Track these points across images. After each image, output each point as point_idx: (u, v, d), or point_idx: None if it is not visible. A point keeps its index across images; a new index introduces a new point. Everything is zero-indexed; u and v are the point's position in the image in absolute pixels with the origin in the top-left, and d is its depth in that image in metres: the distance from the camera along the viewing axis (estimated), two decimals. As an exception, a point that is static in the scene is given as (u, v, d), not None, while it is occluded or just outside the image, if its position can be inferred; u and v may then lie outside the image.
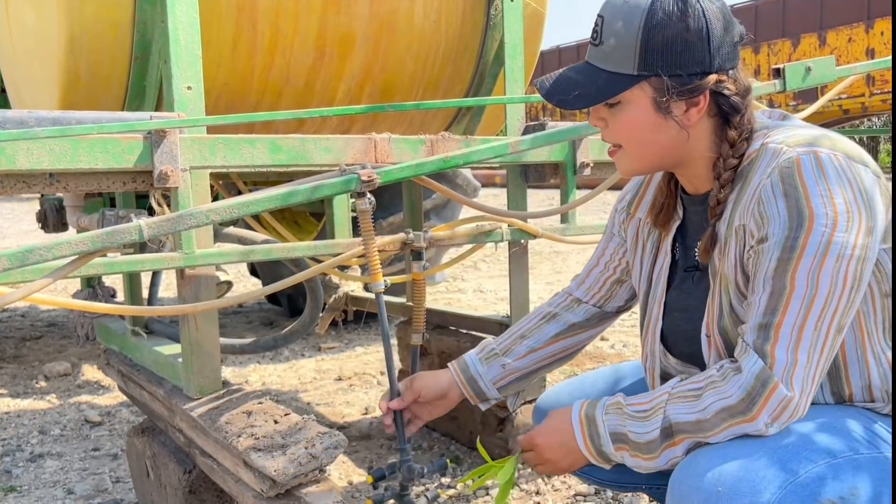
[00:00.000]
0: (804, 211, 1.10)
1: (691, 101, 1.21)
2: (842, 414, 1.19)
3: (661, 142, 1.24)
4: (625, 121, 1.24)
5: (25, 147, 1.50)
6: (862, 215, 1.11)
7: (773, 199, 1.13)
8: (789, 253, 1.10)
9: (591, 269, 1.60)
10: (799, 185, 1.11)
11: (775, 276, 1.12)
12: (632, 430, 1.21)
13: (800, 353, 1.10)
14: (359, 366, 3.93)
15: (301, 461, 1.53)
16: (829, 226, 1.09)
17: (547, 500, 2.25)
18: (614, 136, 1.28)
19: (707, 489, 1.09)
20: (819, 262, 1.09)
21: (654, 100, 1.21)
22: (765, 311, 1.12)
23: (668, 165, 1.30)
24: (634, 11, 1.19)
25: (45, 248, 1.32)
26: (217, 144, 1.72)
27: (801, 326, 1.10)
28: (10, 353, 4.45)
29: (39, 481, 2.60)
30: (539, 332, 1.58)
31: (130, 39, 1.91)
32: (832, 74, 2.00)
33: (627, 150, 1.27)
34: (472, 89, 2.57)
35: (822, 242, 1.09)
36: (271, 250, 1.90)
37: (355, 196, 1.63)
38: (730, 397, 1.12)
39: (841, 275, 1.10)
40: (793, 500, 1.07)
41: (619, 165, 1.31)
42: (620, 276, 1.57)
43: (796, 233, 1.10)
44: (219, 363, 1.91)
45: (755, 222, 1.15)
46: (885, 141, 20.89)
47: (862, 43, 11.99)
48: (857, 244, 1.10)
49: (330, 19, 2.18)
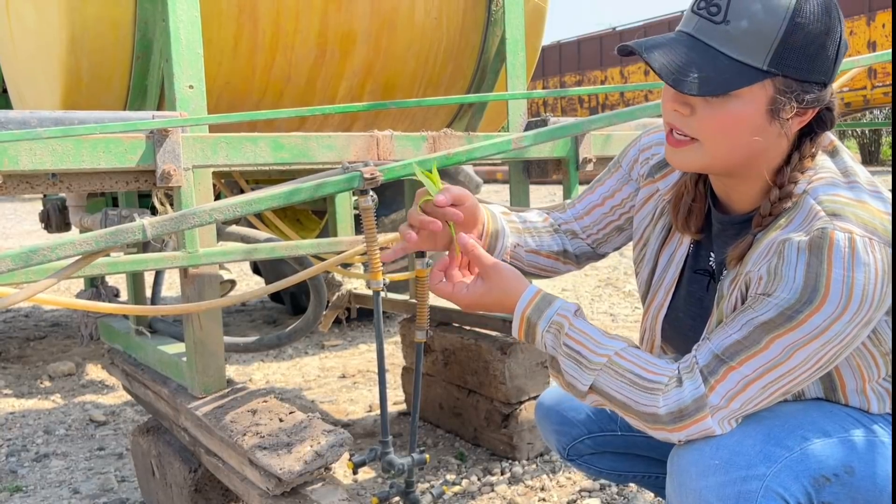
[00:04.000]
0: (820, 290, 1.04)
1: (801, 111, 1.11)
2: (835, 405, 1.21)
3: (754, 147, 1.12)
4: (728, 116, 1.09)
5: (28, 147, 1.50)
6: (872, 308, 1.06)
7: (795, 262, 1.06)
8: (784, 321, 1.06)
9: (594, 207, 1.49)
10: (825, 262, 1.04)
11: (756, 329, 1.08)
12: (564, 364, 1.19)
13: (736, 401, 1.10)
14: (362, 363, 3.93)
15: (307, 459, 1.53)
16: (835, 314, 1.05)
17: (552, 496, 2.25)
18: (700, 129, 1.12)
19: (704, 462, 1.11)
20: (806, 341, 1.06)
21: (772, 100, 1.09)
22: (728, 348, 1.10)
23: (732, 172, 1.19)
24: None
25: (48, 248, 1.32)
26: (219, 143, 1.72)
27: (752, 381, 1.10)
28: (15, 353, 4.46)
29: (45, 481, 2.61)
30: (543, 240, 1.49)
31: (132, 38, 1.91)
32: (835, 68, 1.99)
33: (707, 147, 1.13)
34: (473, 86, 2.57)
35: (820, 326, 1.05)
36: (274, 248, 1.90)
37: (358, 193, 1.63)
38: (662, 407, 1.12)
39: (817, 356, 1.08)
40: (787, 474, 1.09)
41: (680, 158, 1.17)
42: (624, 223, 1.47)
43: (802, 307, 1.05)
44: (223, 362, 1.91)
45: (767, 273, 1.09)
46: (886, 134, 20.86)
47: (863, 36, 11.96)
48: (851, 334, 1.07)
49: (331, 17, 2.17)
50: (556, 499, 2.24)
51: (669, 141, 1.17)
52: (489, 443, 2.60)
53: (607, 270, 6.28)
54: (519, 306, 1.22)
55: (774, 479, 1.09)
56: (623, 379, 1.15)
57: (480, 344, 2.55)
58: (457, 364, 2.68)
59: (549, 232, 1.50)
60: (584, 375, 1.18)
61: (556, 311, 1.21)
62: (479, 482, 2.37)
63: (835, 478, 1.11)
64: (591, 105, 16.84)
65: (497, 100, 2.44)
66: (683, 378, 1.12)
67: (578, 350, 1.18)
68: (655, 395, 1.12)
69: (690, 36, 1.10)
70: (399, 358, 3.81)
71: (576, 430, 1.56)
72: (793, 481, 1.09)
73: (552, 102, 16.10)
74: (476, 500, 2.26)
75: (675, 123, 1.15)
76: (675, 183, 1.36)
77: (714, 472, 1.10)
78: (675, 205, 1.33)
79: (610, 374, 1.16)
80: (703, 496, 1.10)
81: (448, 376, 2.75)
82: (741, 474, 1.09)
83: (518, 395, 2.49)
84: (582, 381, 1.18)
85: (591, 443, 1.55)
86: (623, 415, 1.17)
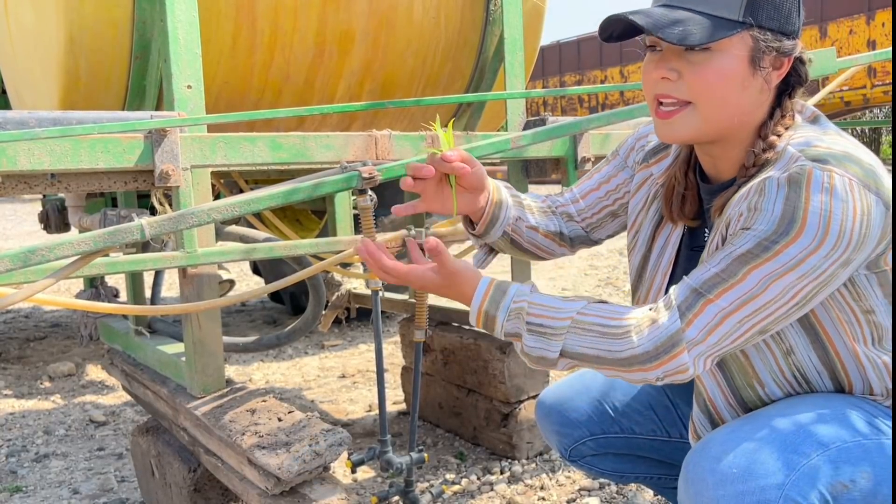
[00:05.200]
0: (797, 221, 1.07)
1: (777, 62, 1.16)
2: (845, 403, 1.19)
3: (742, 102, 1.16)
4: (713, 71, 1.13)
5: (26, 148, 1.50)
6: (849, 247, 1.07)
7: (775, 196, 1.09)
8: (760, 251, 1.08)
9: (590, 192, 1.52)
10: (802, 195, 1.07)
11: (734, 262, 1.10)
12: (529, 340, 1.18)
13: (713, 334, 1.11)
14: (362, 363, 3.93)
15: (305, 458, 1.53)
16: (812, 245, 1.06)
17: (551, 496, 2.25)
18: (689, 90, 1.15)
19: (722, 471, 1.10)
20: (782, 272, 1.07)
21: (750, 51, 1.14)
22: (706, 281, 1.11)
23: (722, 136, 1.21)
24: None
25: (47, 248, 1.32)
26: (218, 143, 1.72)
27: (728, 314, 1.10)
28: (15, 353, 4.46)
29: (45, 481, 2.61)
30: (541, 219, 1.51)
31: (130, 39, 1.91)
32: (833, 66, 1.99)
33: (700, 109, 1.16)
34: (472, 85, 2.57)
35: (796, 258, 1.07)
36: (273, 248, 1.90)
37: (356, 193, 1.63)
38: (637, 347, 1.12)
39: (794, 290, 1.08)
40: (804, 482, 1.08)
41: (672, 128, 1.19)
42: (618, 209, 1.50)
43: (777, 237, 1.07)
44: (222, 361, 1.91)
45: (748, 209, 1.12)
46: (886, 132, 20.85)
47: (863, 35, 11.95)
48: (826, 271, 1.08)
49: (329, 16, 2.17)
50: (555, 498, 2.24)
51: (659, 115, 1.20)
52: (488, 442, 2.60)
53: (607, 270, 6.28)
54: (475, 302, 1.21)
55: (793, 487, 1.08)
56: (591, 333, 1.15)
57: (480, 343, 2.55)
58: (456, 363, 2.68)
59: (546, 213, 1.52)
60: (551, 344, 1.17)
61: (512, 299, 1.21)
62: (479, 481, 2.37)
63: (852, 483, 1.10)
64: (590, 105, 16.83)
65: (495, 99, 2.44)
66: (659, 315, 1.13)
67: (541, 323, 1.18)
68: (628, 337, 1.12)
69: (666, 5, 1.15)
70: (399, 358, 3.81)
71: (577, 431, 1.55)
72: (811, 488, 1.08)
73: (552, 102, 16.10)
74: (475, 500, 2.26)
75: (663, 91, 1.18)
76: (664, 172, 1.38)
77: (732, 481, 1.08)
78: (667, 197, 1.35)
79: (577, 333, 1.16)
80: None
81: (447, 376, 2.75)
82: (759, 483, 1.07)
83: (517, 394, 2.49)
84: (551, 349, 1.17)
85: (594, 444, 1.55)
86: (598, 368, 1.17)
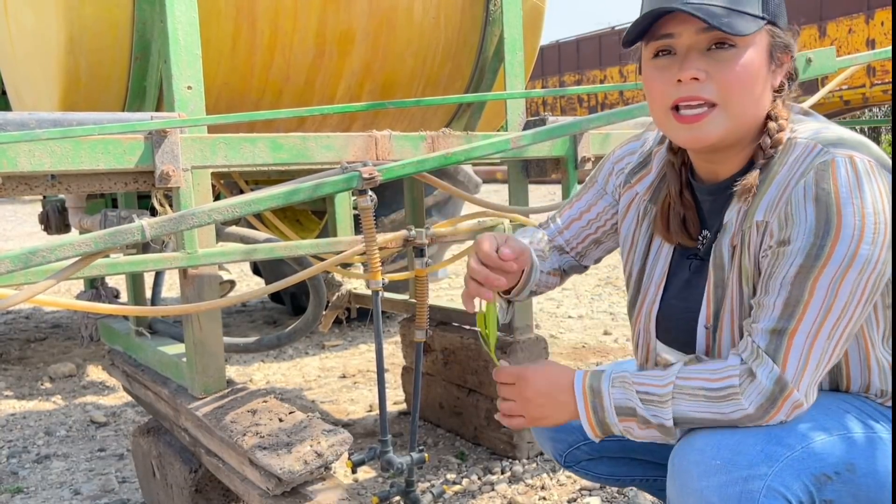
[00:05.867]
0: (833, 219, 1.07)
1: (784, 58, 1.18)
2: (836, 398, 1.20)
3: (762, 99, 1.16)
4: (743, 66, 1.12)
5: (27, 149, 1.50)
6: (888, 228, 1.09)
7: (804, 202, 1.09)
8: (813, 261, 1.08)
9: (573, 222, 1.53)
10: (832, 192, 1.08)
11: (794, 282, 1.10)
12: (643, 411, 1.18)
13: (811, 360, 1.11)
14: (363, 363, 3.94)
15: (307, 459, 1.53)
16: (856, 237, 1.07)
17: (552, 495, 2.25)
18: (720, 88, 1.13)
19: (706, 462, 1.11)
20: (843, 272, 1.08)
21: (769, 46, 1.15)
22: (780, 315, 1.11)
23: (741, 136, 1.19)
24: None
25: (47, 249, 1.32)
26: (218, 144, 1.72)
27: (816, 335, 1.10)
28: (16, 354, 4.46)
29: (46, 482, 2.61)
30: (547, 260, 1.52)
31: (130, 39, 1.91)
32: (832, 65, 2.00)
33: (729, 107, 1.14)
34: (472, 85, 2.57)
35: (847, 254, 1.07)
36: (273, 249, 1.90)
37: (357, 193, 1.63)
38: (748, 407, 1.12)
39: (861, 286, 1.09)
40: (789, 473, 1.09)
41: (701, 132, 1.16)
42: (601, 236, 1.52)
43: (823, 241, 1.08)
44: (223, 362, 1.91)
45: (778, 222, 1.12)
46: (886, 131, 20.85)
47: (862, 34, 11.95)
48: (880, 258, 1.09)
49: (329, 17, 2.17)
50: (556, 497, 2.24)
51: (684, 120, 1.16)
52: (489, 442, 2.60)
53: (607, 270, 6.28)
54: (577, 384, 1.23)
55: (776, 478, 1.09)
56: (697, 398, 1.15)
57: (480, 343, 2.55)
58: (457, 363, 2.68)
59: (551, 251, 1.54)
60: (663, 412, 1.17)
61: (612, 371, 1.23)
62: (480, 481, 2.37)
63: (836, 475, 1.11)
64: (590, 104, 16.82)
65: (495, 99, 2.44)
66: (753, 368, 1.12)
67: (647, 391, 1.18)
68: (735, 399, 1.12)
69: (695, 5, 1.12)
70: (399, 358, 3.81)
71: (571, 436, 1.55)
72: (794, 480, 1.09)
73: (552, 102, 16.08)
74: (476, 500, 2.26)
75: (689, 94, 1.14)
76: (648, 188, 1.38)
77: (716, 472, 1.10)
78: (663, 219, 1.34)
79: (683, 399, 1.16)
80: (705, 496, 1.09)
81: (448, 376, 2.75)
82: (743, 474, 1.08)
83: (518, 394, 2.49)
84: (664, 417, 1.17)
85: (588, 448, 1.54)
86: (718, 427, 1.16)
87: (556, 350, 3.82)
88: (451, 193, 2.25)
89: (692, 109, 1.15)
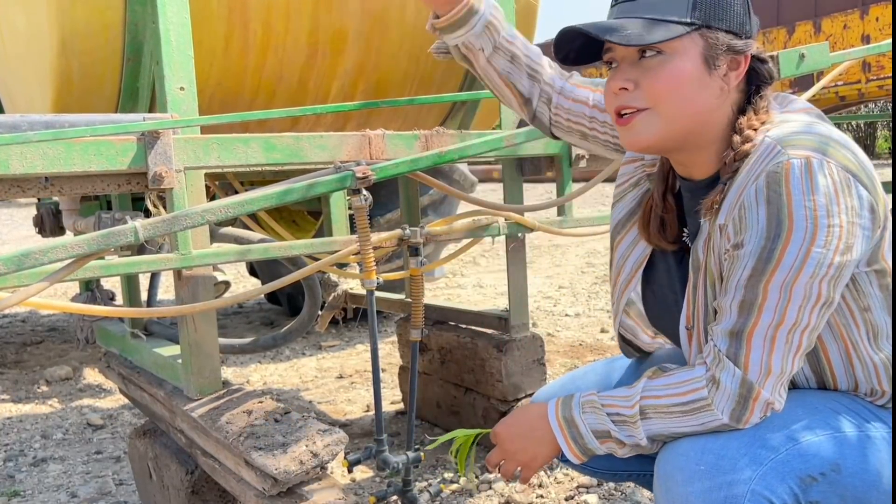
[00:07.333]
0: (784, 221, 1.06)
1: (734, 62, 1.16)
2: (827, 397, 1.20)
3: (701, 102, 1.15)
4: (669, 73, 1.13)
5: (19, 151, 1.50)
6: (843, 232, 1.07)
7: (755, 205, 1.08)
8: (765, 264, 1.08)
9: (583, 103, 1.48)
10: (783, 193, 1.06)
11: (748, 285, 1.10)
12: (617, 433, 1.21)
13: (773, 360, 1.11)
14: (360, 363, 3.93)
15: (302, 459, 1.53)
16: (807, 239, 1.06)
17: (549, 493, 2.25)
18: (647, 96, 1.15)
19: (690, 468, 1.11)
20: (794, 274, 1.07)
21: (703, 51, 1.14)
22: (737, 317, 1.12)
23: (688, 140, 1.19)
24: None
25: (41, 251, 1.32)
26: (211, 144, 1.72)
27: (774, 336, 1.10)
28: (12, 358, 4.45)
29: (43, 485, 2.61)
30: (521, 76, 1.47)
31: (122, 41, 1.91)
32: (826, 61, 1.99)
33: (660, 111, 1.15)
34: (465, 84, 2.57)
35: (798, 255, 1.06)
36: (268, 249, 1.90)
37: (351, 193, 1.63)
38: (722, 416, 1.13)
39: (815, 288, 1.08)
40: (773, 476, 1.09)
41: (634, 132, 1.18)
42: (590, 133, 1.49)
43: (773, 243, 1.07)
44: (218, 363, 1.91)
45: (734, 226, 1.12)
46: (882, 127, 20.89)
47: (857, 29, 11.96)
48: (832, 262, 1.07)
49: (322, 17, 2.17)
50: (553, 495, 2.24)
51: (620, 123, 1.20)
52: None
53: (605, 268, 6.29)
54: (550, 418, 1.27)
55: (760, 481, 1.08)
56: (671, 415, 1.16)
57: (477, 342, 2.55)
58: (453, 362, 2.68)
59: (531, 73, 1.48)
60: (635, 432, 1.19)
61: (579, 398, 1.26)
62: (477, 480, 2.37)
63: (822, 477, 1.11)
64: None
65: (489, 97, 2.43)
66: (717, 374, 1.13)
67: (617, 412, 1.21)
68: (708, 410, 1.13)
69: (616, 18, 1.17)
70: (396, 357, 3.81)
71: None
72: (779, 483, 1.09)
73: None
74: (474, 498, 2.26)
75: (622, 103, 1.18)
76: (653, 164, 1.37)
77: (700, 477, 1.10)
78: (644, 219, 1.34)
79: (657, 418, 1.17)
80: (690, 502, 1.10)
81: (445, 375, 2.75)
82: (727, 479, 1.08)
83: (515, 392, 2.49)
84: (638, 436, 1.19)
85: None
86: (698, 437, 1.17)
87: (552, 348, 3.82)
88: (447, 192, 2.25)
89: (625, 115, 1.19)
